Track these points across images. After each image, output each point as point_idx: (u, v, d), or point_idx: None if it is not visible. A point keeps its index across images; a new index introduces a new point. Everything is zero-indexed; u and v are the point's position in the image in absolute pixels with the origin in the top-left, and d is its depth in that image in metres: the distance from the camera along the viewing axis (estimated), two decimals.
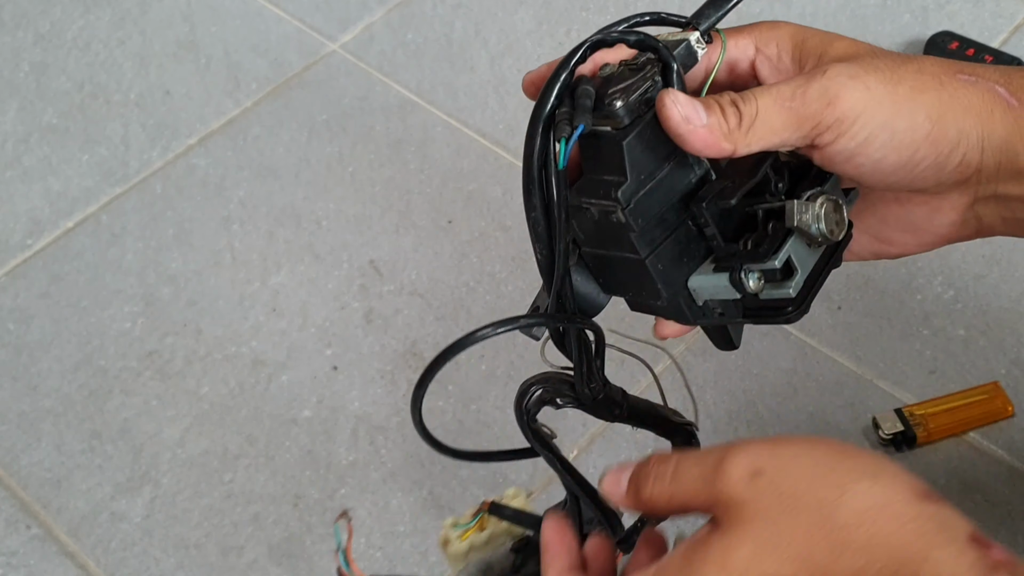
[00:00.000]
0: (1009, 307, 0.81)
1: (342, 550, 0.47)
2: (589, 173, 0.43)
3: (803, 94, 0.43)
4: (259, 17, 1.06)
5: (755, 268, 0.42)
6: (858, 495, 0.36)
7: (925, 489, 0.37)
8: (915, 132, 0.44)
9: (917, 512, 0.36)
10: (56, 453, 0.78)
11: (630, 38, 0.43)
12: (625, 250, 0.44)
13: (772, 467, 0.38)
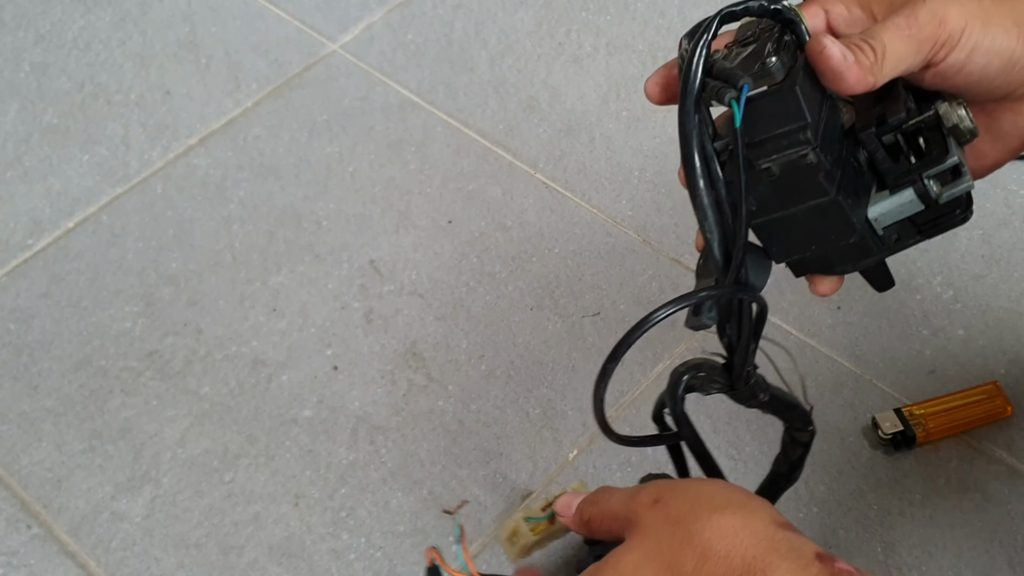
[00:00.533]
0: (1008, 307, 0.81)
1: (458, 544, 0.50)
2: (758, 135, 0.45)
3: (916, 21, 0.48)
4: (259, 17, 1.06)
5: (934, 172, 0.46)
6: (725, 517, 0.44)
7: (784, 521, 0.45)
8: (1008, 37, 0.49)
9: (772, 533, 0.43)
10: (57, 453, 0.78)
11: (754, 6, 0.45)
12: (811, 197, 0.46)
13: (668, 496, 0.47)
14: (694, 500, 0.46)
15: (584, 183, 0.91)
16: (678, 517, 0.45)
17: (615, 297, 0.84)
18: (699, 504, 0.46)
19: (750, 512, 0.45)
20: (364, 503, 0.75)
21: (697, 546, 0.44)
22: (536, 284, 0.85)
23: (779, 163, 0.45)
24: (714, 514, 0.44)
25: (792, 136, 0.44)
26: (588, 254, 0.86)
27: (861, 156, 0.47)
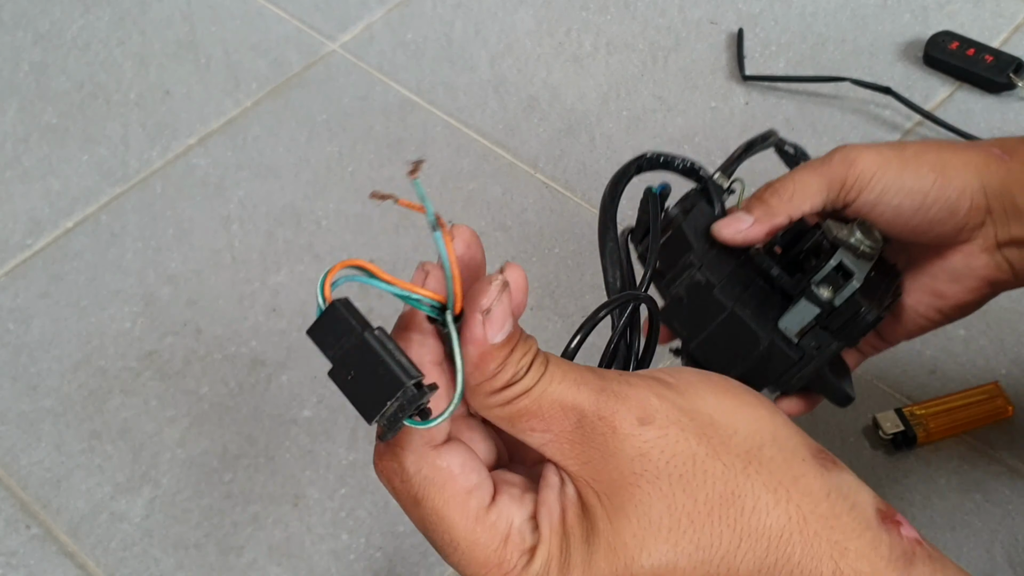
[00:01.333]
0: (1009, 307, 0.81)
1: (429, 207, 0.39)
2: (667, 271, 0.54)
3: (828, 161, 0.53)
4: (259, 17, 1.06)
5: (819, 278, 0.51)
6: (761, 473, 0.35)
7: (818, 449, 0.37)
8: (922, 181, 0.53)
9: (824, 487, 0.35)
10: (56, 453, 0.78)
11: (676, 161, 0.55)
12: (716, 314, 0.52)
13: (668, 414, 0.36)
14: (702, 423, 0.36)
15: (584, 183, 0.91)
16: (692, 460, 0.35)
17: None
18: (722, 439, 0.35)
19: (785, 448, 0.36)
20: (364, 503, 0.75)
21: (732, 518, 0.35)
22: (536, 284, 0.85)
23: (683, 287, 0.53)
24: (749, 467, 0.35)
25: (685, 262, 0.53)
26: (588, 254, 0.86)
27: (774, 275, 0.52)
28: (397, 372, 0.34)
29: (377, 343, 0.34)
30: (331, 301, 0.35)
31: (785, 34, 0.99)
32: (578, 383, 0.36)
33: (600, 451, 0.35)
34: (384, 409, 0.34)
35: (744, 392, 0.38)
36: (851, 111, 0.93)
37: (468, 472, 0.36)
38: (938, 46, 0.95)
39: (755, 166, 0.62)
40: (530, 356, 0.36)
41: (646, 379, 0.37)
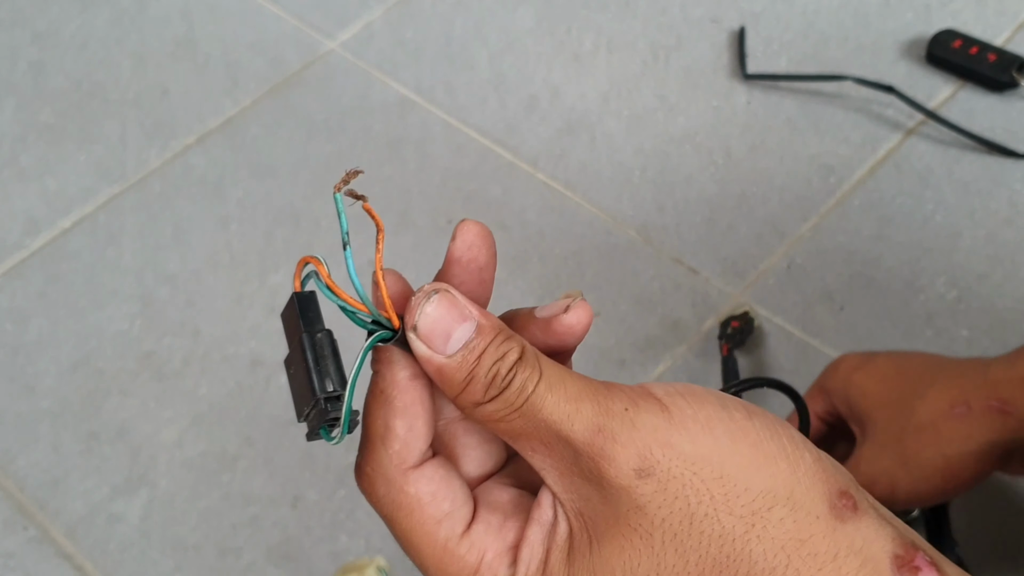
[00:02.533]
0: (1012, 307, 0.80)
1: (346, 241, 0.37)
2: None
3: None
4: (258, 16, 1.06)
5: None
6: (768, 526, 0.32)
7: (840, 492, 0.33)
8: (928, 483, 0.53)
9: (835, 546, 0.32)
10: (53, 454, 0.78)
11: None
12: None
13: (664, 461, 0.32)
14: (709, 477, 0.33)
15: (585, 182, 0.90)
16: (689, 520, 0.33)
17: (616, 297, 0.83)
18: (722, 493, 0.33)
19: (799, 507, 0.33)
20: (363, 505, 0.74)
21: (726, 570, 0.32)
22: (536, 284, 0.84)
23: None
24: (752, 531, 0.32)
25: None
26: (588, 254, 0.86)
27: None
28: (314, 382, 0.33)
29: (311, 348, 0.34)
30: (296, 291, 0.35)
31: (787, 32, 0.99)
32: (571, 416, 0.33)
33: (597, 492, 0.33)
34: (306, 413, 0.34)
35: (767, 439, 0.34)
36: (853, 110, 0.93)
37: (439, 500, 0.35)
38: (941, 44, 0.95)
39: None
40: (507, 364, 0.33)
41: (656, 416, 0.33)
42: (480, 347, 0.33)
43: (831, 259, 0.84)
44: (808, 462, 0.34)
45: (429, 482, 0.35)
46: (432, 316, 0.34)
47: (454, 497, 0.35)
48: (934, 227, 0.85)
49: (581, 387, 0.33)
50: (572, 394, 0.33)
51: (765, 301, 0.82)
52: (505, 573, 0.34)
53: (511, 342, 0.34)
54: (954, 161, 0.89)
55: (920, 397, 0.57)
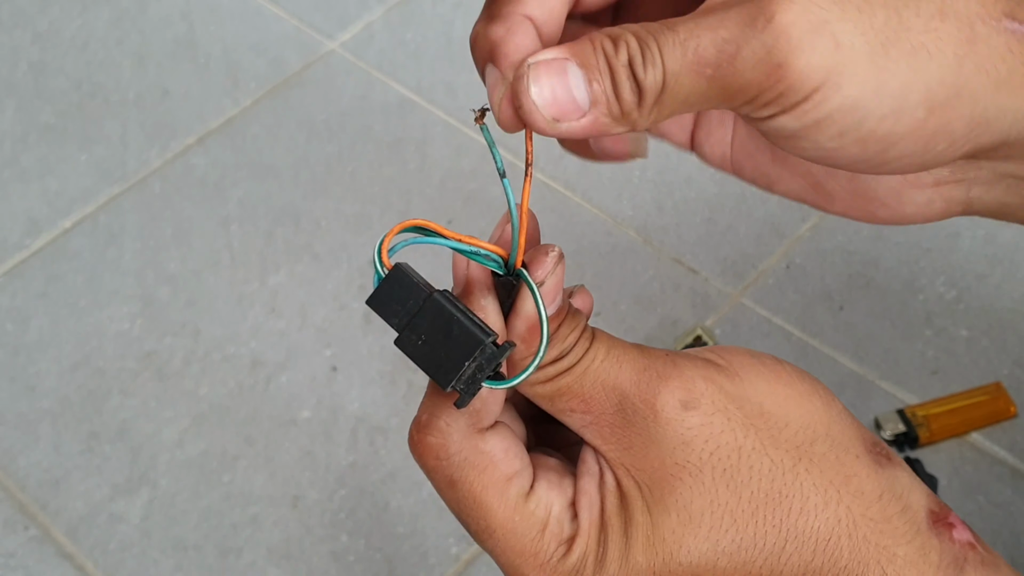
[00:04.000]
0: (1012, 307, 0.80)
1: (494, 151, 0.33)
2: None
3: (732, 58, 0.30)
4: (258, 16, 1.06)
5: None
6: (812, 471, 0.33)
7: (873, 441, 0.35)
8: (908, 117, 0.31)
9: (876, 488, 0.33)
10: (54, 454, 0.78)
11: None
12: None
13: (712, 399, 0.33)
14: (752, 413, 0.33)
15: (585, 183, 0.91)
16: (738, 454, 0.33)
17: (616, 297, 0.83)
18: (767, 426, 0.33)
19: (838, 444, 0.33)
20: (363, 505, 0.74)
21: (778, 518, 0.32)
22: None
23: None
24: (799, 464, 0.32)
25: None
26: (589, 254, 0.86)
27: None
28: (474, 330, 0.32)
29: (448, 303, 0.33)
30: (390, 267, 0.33)
31: None
32: (620, 361, 0.34)
33: (641, 437, 0.33)
34: (462, 371, 0.32)
35: (799, 380, 0.34)
36: None
37: (511, 458, 0.35)
38: None
39: None
40: (577, 332, 0.34)
41: (694, 359, 0.34)
42: (564, 312, 0.35)
43: (830, 259, 0.84)
44: (840, 407, 0.34)
45: (502, 440, 0.35)
46: (556, 277, 0.34)
47: (522, 456, 0.35)
48: (933, 227, 0.85)
49: (625, 345, 0.35)
50: (618, 349, 0.34)
51: (764, 301, 0.82)
52: (569, 527, 0.35)
53: (579, 312, 0.35)
54: None
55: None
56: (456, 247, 0.34)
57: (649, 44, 0.30)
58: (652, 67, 0.30)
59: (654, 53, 0.30)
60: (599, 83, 0.31)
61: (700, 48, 0.30)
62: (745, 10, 0.30)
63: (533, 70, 0.31)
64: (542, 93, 0.31)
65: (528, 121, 0.32)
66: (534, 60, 0.31)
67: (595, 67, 0.31)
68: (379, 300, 0.33)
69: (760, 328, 0.80)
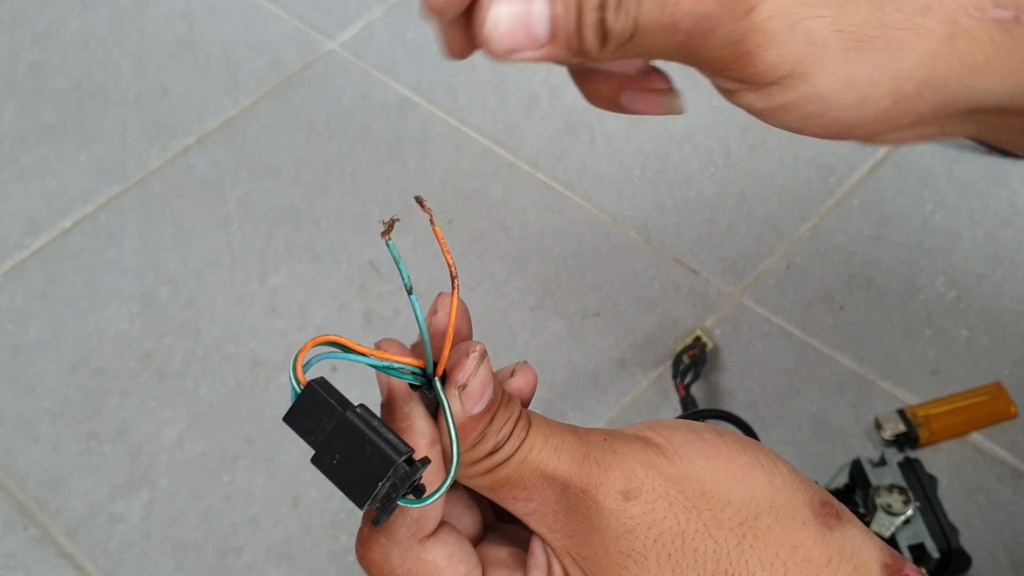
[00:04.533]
0: (1012, 307, 0.80)
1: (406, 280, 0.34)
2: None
3: (706, 34, 0.30)
4: (258, 16, 1.06)
5: None
6: (759, 542, 0.32)
7: (822, 501, 0.34)
8: (872, 107, 0.31)
9: (825, 552, 0.33)
10: (54, 454, 0.78)
11: None
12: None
13: (652, 482, 0.33)
14: (693, 494, 0.33)
15: (585, 182, 0.90)
16: (681, 538, 0.32)
17: (616, 297, 0.83)
18: (708, 507, 0.32)
19: (783, 515, 0.33)
20: None
21: None
22: (536, 284, 0.84)
23: None
24: (744, 541, 0.32)
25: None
26: (589, 254, 0.86)
27: None
28: (386, 449, 0.31)
29: (361, 421, 0.32)
30: (305, 383, 0.32)
31: None
32: (559, 450, 0.33)
33: (585, 525, 0.33)
34: (376, 491, 0.32)
35: (740, 453, 0.34)
36: None
37: (456, 563, 0.34)
38: None
39: None
40: (512, 422, 0.34)
41: (633, 443, 0.34)
42: (496, 405, 0.34)
43: (831, 259, 0.84)
44: (784, 472, 0.34)
45: (445, 546, 0.34)
46: (480, 378, 0.34)
47: (468, 558, 0.35)
48: (933, 227, 0.85)
49: (561, 427, 0.34)
50: (556, 437, 0.34)
51: (765, 301, 0.82)
52: None
53: (513, 400, 0.35)
54: (953, 161, 0.89)
55: None
56: (371, 364, 0.33)
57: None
58: (624, 15, 0.31)
59: (629, 2, 0.31)
60: (564, 19, 0.31)
61: (678, 14, 0.30)
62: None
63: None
64: (498, 22, 0.31)
65: (483, 49, 0.32)
66: None
67: (561, 12, 0.31)
68: (295, 417, 0.33)
69: (760, 328, 0.80)
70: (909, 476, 0.67)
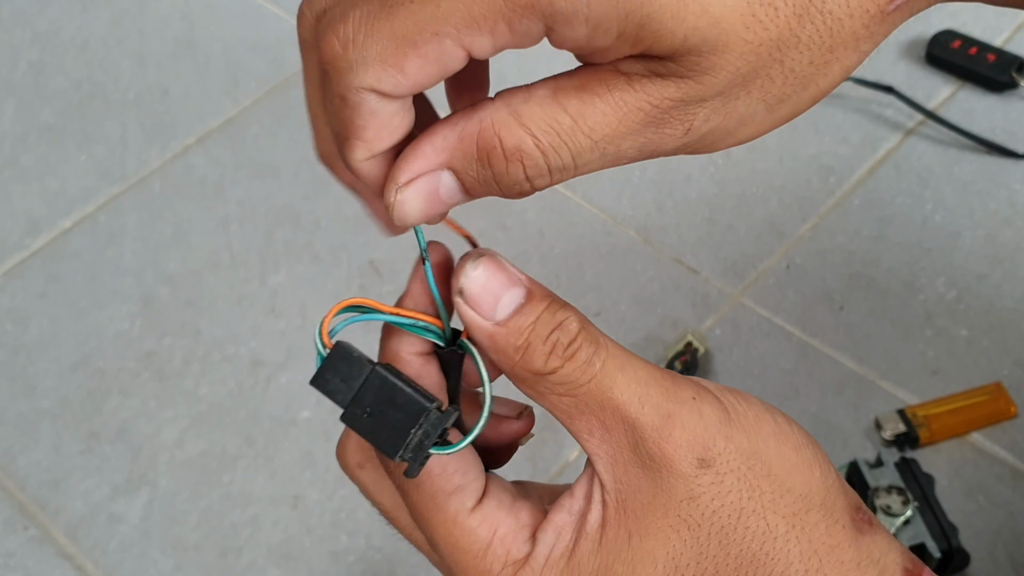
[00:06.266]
0: (1012, 307, 0.80)
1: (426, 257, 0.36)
2: None
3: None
4: (258, 16, 1.06)
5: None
6: (805, 532, 0.33)
7: (858, 507, 0.35)
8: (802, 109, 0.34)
9: (855, 556, 0.34)
10: (54, 454, 0.78)
11: None
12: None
13: (725, 456, 0.33)
14: (760, 475, 0.33)
15: (584, 183, 0.90)
16: (738, 514, 0.33)
17: (616, 297, 0.83)
18: (770, 491, 0.33)
19: (829, 514, 0.34)
20: (363, 504, 0.74)
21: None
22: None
23: None
24: (792, 531, 0.33)
25: None
26: (589, 254, 0.86)
27: None
28: (418, 398, 0.32)
29: (391, 374, 0.33)
30: (331, 346, 0.34)
31: None
32: (641, 399, 0.32)
33: (651, 481, 0.33)
34: (408, 439, 0.32)
35: (806, 446, 0.34)
36: (853, 110, 0.93)
37: (450, 473, 0.34)
38: (940, 45, 0.95)
39: None
40: (568, 334, 0.32)
41: (718, 409, 0.33)
42: (534, 313, 0.33)
43: (831, 259, 0.84)
44: (834, 474, 0.35)
45: (440, 456, 0.34)
46: (478, 280, 0.33)
47: (466, 471, 0.35)
48: (933, 227, 0.85)
49: (648, 371, 0.33)
50: (641, 377, 0.33)
51: (764, 301, 0.82)
52: (521, 549, 0.34)
53: (567, 310, 0.33)
54: (953, 161, 0.89)
55: None
56: (395, 321, 0.34)
57: (560, 151, 0.33)
58: (560, 172, 0.33)
59: (565, 158, 0.33)
60: (482, 186, 0.34)
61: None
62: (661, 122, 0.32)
63: (400, 193, 0.34)
64: (406, 212, 0.35)
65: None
66: (403, 184, 0.34)
67: (475, 183, 0.34)
68: (322, 379, 0.34)
69: (760, 328, 0.80)
70: (907, 476, 0.67)
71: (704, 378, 0.74)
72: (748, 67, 0.30)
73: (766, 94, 0.31)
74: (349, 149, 0.32)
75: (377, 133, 0.31)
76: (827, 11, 0.32)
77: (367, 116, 0.31)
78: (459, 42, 0.29)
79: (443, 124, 0.33)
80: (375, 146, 0.32)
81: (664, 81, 0.31)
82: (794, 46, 0.31)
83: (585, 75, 0.32)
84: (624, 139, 0.32)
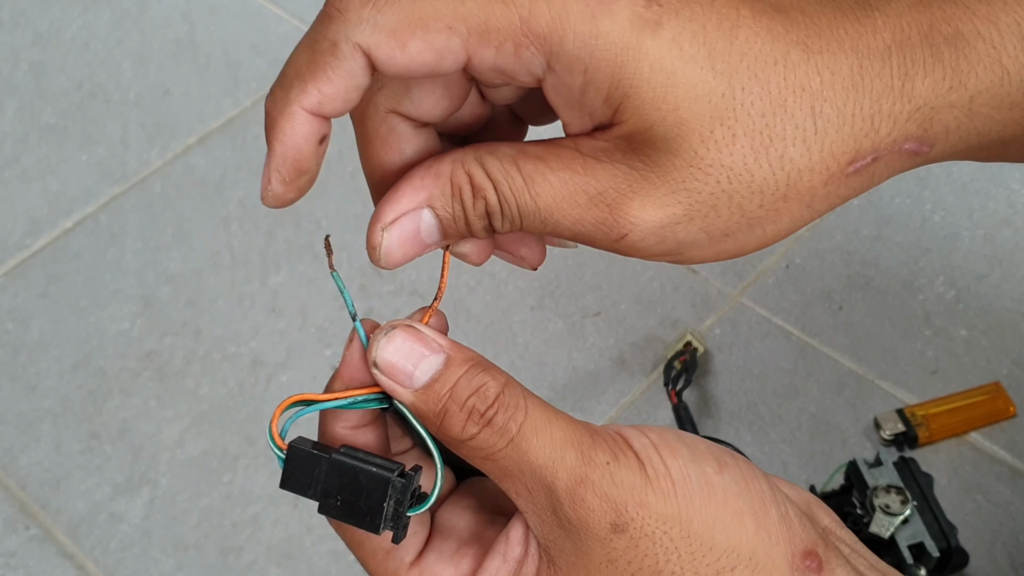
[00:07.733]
0: (1011, 307, 0.80)
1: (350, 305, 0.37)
2: None
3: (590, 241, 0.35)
4: (258, 16, 1.06)
5: None
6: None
7: (805, 552, 0.34)
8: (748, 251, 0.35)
9: None
10: (55, 453, 0.78)
11: None
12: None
13: (639, 521, 0.33)
14: (677, 536, 0.33)
15: None
16: (654, 569, 0.33)
17: (616, 297, 0.83)
18: (689, 551, 0.33)
19: (759, 567, 0.34)
20: None
21: None
22: (536, 284, 0.84)
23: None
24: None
25: None
26: (588, 254, 0.86)
27: None
28: (378, 472, 0.33)
29: (348, 458, 0.34)
30: (286, 447, 0.35)
31: None
32: (555, 464, 0.33)
33: (571, 541, 0.33)
34: (384, 512, 0.33)
35: (735, 497, 0.34)
36: None
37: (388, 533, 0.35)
38: None
39: None
40: (485, 400, 0.33)
41: (633, 473, 0.33)
42: (452, 379, 0.33)
43: (830, 259, 0.84)
44: (773, 520, 0.34)
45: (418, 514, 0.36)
46: (389, 351, 0.34)
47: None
48: (932, 227, 0.85)
49: (567, 433, 0.34)
50: (558, 439, 0.34)
51: (764, 301, 0.82)
52: None
53: (487, 375, 0.34)
54: (953, 162, 0.89)
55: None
56: (336, 405, 0.35)
57: (509, 203, 0.34)
58: (509, 222, 0.34)
59: (512, 210, 0.34)
60: (455, 227, 0.36)
61: (559, 229, 0.34)
62: (600, 215, 0.33)
63: (385, 247, 0.38)
64: (391, 247, 0.39)
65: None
66: (385, 232, 0.37)
67: (450, 220, 0.36)
68: (289, 481, 0.35)
69: (760, 328, 0.80)
70: (905, 475, 0.67)
71: (710, 376, 0.74)
72: (695, 185, 0.31)
73: (709, 224, 0.33)
74: (299, 90, 0.32)
75: (337, 93, 0.32)
76: (787, 157, 0.32)
77: (343, 72, 0.31)
78: (466, 44, 0.30)
79: (417, 168, 0.36)
80: (325, 105, 0.32)
81: (615, 168, 0.32)
82: (747, 183, 0.32)
83: (547, 146, 0.33)
84: (565, 214, 0.33)
